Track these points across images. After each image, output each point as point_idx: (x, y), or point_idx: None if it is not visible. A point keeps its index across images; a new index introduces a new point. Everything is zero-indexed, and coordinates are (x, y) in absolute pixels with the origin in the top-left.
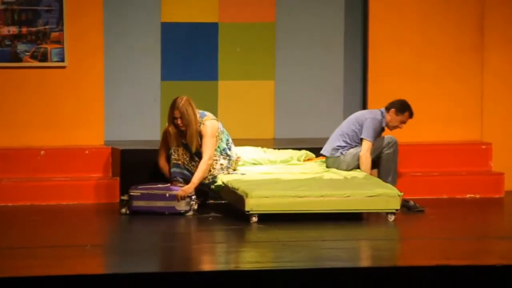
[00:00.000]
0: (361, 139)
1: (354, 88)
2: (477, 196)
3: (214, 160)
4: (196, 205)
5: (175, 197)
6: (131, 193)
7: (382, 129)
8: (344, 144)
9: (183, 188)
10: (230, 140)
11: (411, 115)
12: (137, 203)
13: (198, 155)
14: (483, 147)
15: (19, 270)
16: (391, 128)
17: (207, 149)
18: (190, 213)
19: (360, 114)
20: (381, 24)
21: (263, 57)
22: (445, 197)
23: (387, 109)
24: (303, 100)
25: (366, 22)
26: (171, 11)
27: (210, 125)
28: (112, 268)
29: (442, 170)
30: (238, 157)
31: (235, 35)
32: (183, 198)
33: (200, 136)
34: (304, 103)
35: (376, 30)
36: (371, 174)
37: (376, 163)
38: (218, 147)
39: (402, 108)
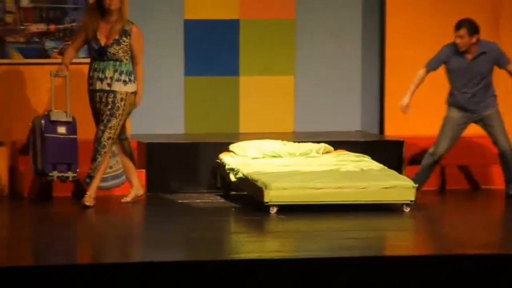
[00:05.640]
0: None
1: (372, 82)
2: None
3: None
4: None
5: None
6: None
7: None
8: (493, 93)
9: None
10: None
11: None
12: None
13: (103, 49)
14: None
15: None
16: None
17: (142, 57)
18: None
19: (490, 47)
20: (398, 18)
21: (283, 53)
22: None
23: None
24: (322, 95)
25: (383, 16)
26: (194, 8)
27: (141, 34)
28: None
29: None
30: None
31: (256, 32)
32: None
33: (125, 34)
34: (322, 98)
35: (393, 24)
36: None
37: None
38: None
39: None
